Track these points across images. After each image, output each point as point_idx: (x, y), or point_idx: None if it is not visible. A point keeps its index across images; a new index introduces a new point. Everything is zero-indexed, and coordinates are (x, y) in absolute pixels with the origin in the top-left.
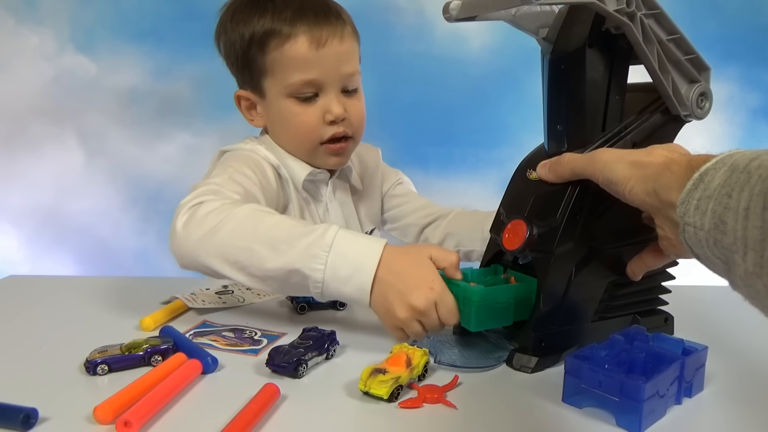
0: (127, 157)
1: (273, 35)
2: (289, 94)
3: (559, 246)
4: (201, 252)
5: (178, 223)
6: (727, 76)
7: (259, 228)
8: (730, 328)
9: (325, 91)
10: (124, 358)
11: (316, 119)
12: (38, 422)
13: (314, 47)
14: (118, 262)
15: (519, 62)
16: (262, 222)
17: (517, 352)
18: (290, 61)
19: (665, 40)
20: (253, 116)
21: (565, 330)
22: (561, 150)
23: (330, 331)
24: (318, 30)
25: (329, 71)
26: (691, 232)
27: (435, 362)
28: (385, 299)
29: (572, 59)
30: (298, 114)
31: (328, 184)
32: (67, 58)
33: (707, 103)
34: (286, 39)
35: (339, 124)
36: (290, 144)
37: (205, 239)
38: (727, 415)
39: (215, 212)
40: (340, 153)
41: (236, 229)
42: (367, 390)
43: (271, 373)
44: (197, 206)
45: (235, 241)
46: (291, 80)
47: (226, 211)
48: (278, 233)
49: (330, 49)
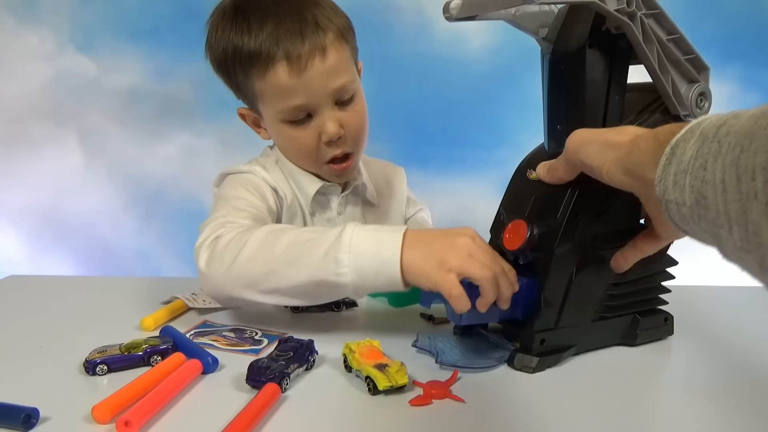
0: (127, 157)
1: (252, 61)
2: (282, 120)
3: (560, 246)
4: (229, 287)
5: (201, 264)
6: (727, 76)
7: (277, 247)
8: (730, 328)
9: (317, 111)
10: (123, 358)
11: (313, 140)
12: (39, 422)
13: (295, 74)
14: (118, 262)
15: (519, 62)
16: (279, 240)
17: (519, 352)
18: (274, 91)
19: (665, 39)
20: (259, 131)
21: (566, 330)
22: (561, 150)
23: (308, 341)
24: (295, 53)
25: (317, 92)
26: (675, 209)
27: (437, 362)
28: (426, 275)
29: (572, 59)
30: (294, 138)
31: (339, 198)
32: (67, 58)
33: (706, 103)
34: (265, 67)
35: (336, 143)
36: (296, 161)
37: (229, 273)
38: (726, 415)
39: (232, 243)
40: (343, 172)
41: (255, 255)
42: (392, 384)
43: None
44: (214, 242)
45: (256, 267)
46: (279, 108)
47: (242, 239)
48: (296, 248)
49: (312, 71)
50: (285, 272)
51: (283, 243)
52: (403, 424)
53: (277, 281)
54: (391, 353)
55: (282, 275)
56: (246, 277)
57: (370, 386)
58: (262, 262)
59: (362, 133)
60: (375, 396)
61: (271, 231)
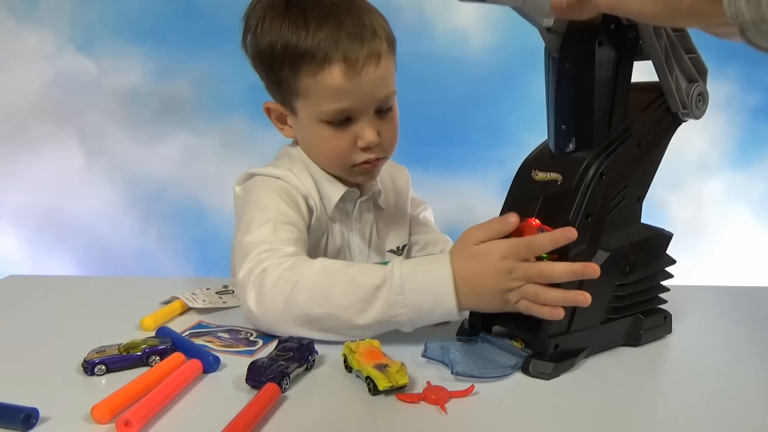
0: (127, 157)
1: (306, 59)
2: (321, 120)
3: (573, 248)
4: (284, 327)
5: (249, 303)
6: (727, 76)
7: (332, 292)
8: (728, 328)
9: (359, 116)
10: (122, 358)
11: (348, 144)
12: (39, 422)
13: (349, 77)
14: (118, 262)
15: (519, 62)
16: (333, 285)
17: (533, 359)
18: (324, 91)
19: (672, 35)
20: (283, 128)
21: (578, 333)
22: (566, 150)
23: (308, 341)
24: (354, 56)
25: (364, 99)
26: (753, 30)
27: (452, 373)
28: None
29: (581, 57)
30: (329, 138)
31: (356, 204)
32: (67, 58)
33: (704, 105)
34: (320, 67)
35: (371, 150)
36: (322, 163)
37: (283, 314)
38: (722, 414)
39: (282, 282)
40: (370, 172)
41: (311, 299)
42: (392, 385)
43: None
44: (261, 278)
45: (313, 310)
46: (324, 108)
47: (292, 279)
48: (351, 294)
49: (366, 77)
50: (344, 316)
51: (338, 287)
52: (404, 424)
53: (335, 324)
54: (391, 353)
55: (341, 320)
56: (302, 318)
57: (370, 386)
58: (319, 305)
59: (394, 142)
60: (375, 396)
61: (321, 271)
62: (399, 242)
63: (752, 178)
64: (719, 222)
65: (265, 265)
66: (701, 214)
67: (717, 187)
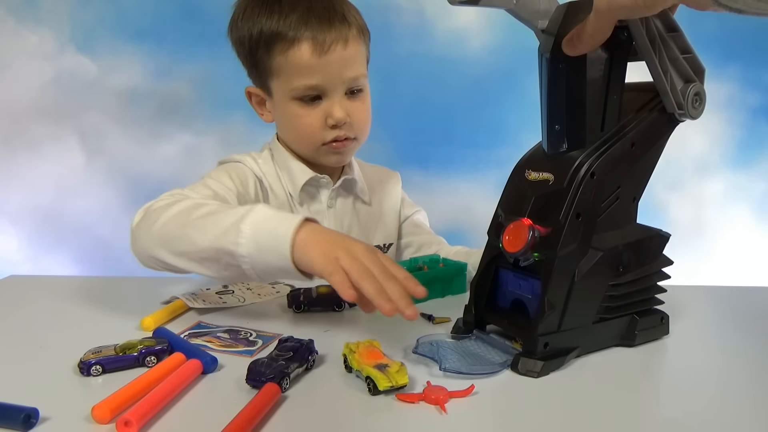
0: (127, 157)
1: (278, 39)
2: (293, 97)
3: (563, 248)
4: (147, 244)
5: (133, 222)
6: (727, 76)
7: (193, 214)
8: (728, 328)
9: (329, 95)
10: (118, 359)
11: (318, 122)
12: (39, 422)
13: (317, 55)
14: (118, 262)
15: (519, 62)
16: (199, 209)
17: (522, 356)
18: (294, 67)
19: (666, 36)
20: (263, 111)
21: (569, 332)
22: (560, 151)
23: (308, 341)
24: (321, 36)
25: (332, 77)
26: None
27: (441, 369)
28: (312, 258)
29: (573, 58)
30: (301, 116)
31: (329, 191)
32: (67, 58)
33: (701, 105)
34: (290, 44)
35: (341, 127)
36: (294, 142)
37: (150, 231)
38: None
39: (162, 207)
40: (340, 151)
41: (174, 218)
42: (392, 385)
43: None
44: (151, 205)
45: (171, 230)
46: (294, 84)
47: (171, 205)
48: (209, 216)
49: (333, 55)
50: (193, 236)
51: (201, 212)
52: (404, 424)
53: (185, 244)
54: (391, 353)
55: (189, 239)
56: (161, 237)
57: (370, 386)
58: (177, 224)
59: (365, 124)
60: (375, 396)
61: (197, 202)
62: (385, 240)
63: (752, 178)
64: (719, 222)
65: (161, 198)
66: (701, 215)
67: (717, 187)
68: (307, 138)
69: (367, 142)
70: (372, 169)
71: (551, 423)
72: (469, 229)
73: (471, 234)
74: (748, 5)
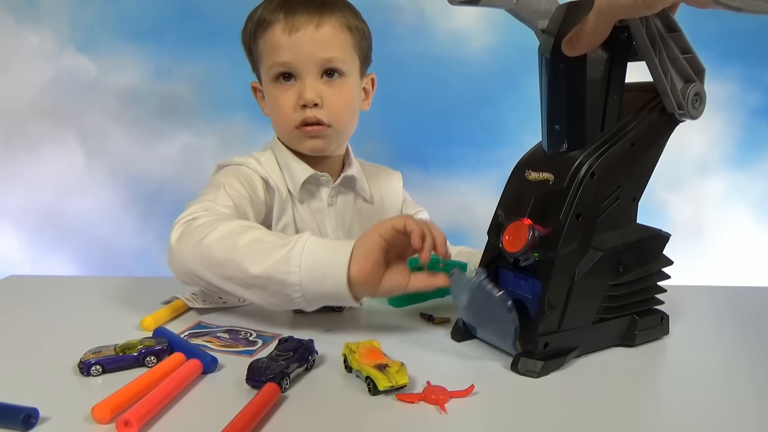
0: (127, 157)
1: (262, 26)
2: (271, 79)
3: (563, 248)
4: (190, 263)
5: (172, 238)
6: (727, 76)
7: (240, 239)
8: (727, 328)
9: (301, 75)
10: (118, 359)
11: (291, 102)
12: (39, 422)
13: (287, 33)
14: (118, 262)
15: (519, 62)
16: (245, 234)
17: (522, 357)
18: (268, 46)
19: (666, 36)
20: (263, 105)
21: (569, 332)
22: (560, 151)
23: (308, 341)
24: (292, 17)
25: (303, 56)
26: None
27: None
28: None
29: (573, 58)
30: (277, 98)
31: (329, 189)
32: (67, 58)
33: (701, 105)
34: (267, 27)
35: (311, 109)
36: (276, 128)
37: (194, 250)
38: (719, 413)
39: (204, 225)
40: (314, 136)
41: (220, 242)
42: (392, 385)
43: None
44: (190, 222)
45: (217, 252)
46: (268, 63)
47: (214, 225)
48: (257, 245)
49: (303, 34)
50: (242, 263)
51: (248, 237)
52: (403, 424)
53: (232, 270)
54: (391, 353)
55: (238, 265)
56: (206, 259)
57: (370, 386)
58: (224, 249)
59: (342, 112)
60: (375, 396)
61: (241, 224)
62: None
63: (752, 178)
64: (719, 222)
65: (199, 214)
66: (701, 215)
67: (717, 187)
68: (281, 120)
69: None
70: (373, 167)
71: (551, 423)
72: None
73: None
74: (747, 3)
